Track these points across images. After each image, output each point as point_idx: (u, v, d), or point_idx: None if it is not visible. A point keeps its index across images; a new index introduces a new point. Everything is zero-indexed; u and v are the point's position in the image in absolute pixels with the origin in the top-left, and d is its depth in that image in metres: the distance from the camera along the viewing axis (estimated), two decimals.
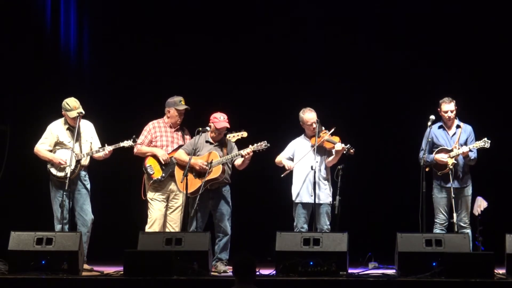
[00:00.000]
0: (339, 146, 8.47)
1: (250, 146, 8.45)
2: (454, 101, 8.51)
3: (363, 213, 10.14)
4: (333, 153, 8.57)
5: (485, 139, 8.31)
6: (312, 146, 8.57)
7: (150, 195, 8.82)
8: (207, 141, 8.62)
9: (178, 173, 8.60)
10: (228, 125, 8.55)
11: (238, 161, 8.57)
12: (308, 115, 8.66)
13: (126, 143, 8.59)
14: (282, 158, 8.74)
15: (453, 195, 8.32)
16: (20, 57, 10.34)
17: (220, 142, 8.63)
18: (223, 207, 8.54)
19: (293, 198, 8.69)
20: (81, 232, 7.89)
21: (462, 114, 8.66)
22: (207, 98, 9.84)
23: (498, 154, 9.43)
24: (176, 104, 8.80)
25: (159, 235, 7.89)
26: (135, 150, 8.77)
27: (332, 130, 8.60)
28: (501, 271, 7.40)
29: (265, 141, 8.44)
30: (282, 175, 8.69)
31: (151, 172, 8.79)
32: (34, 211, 9.55)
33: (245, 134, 8.69)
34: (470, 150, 8.34)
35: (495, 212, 9.09)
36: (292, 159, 8.75)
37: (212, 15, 10.71)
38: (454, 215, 8.27)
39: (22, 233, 7.58)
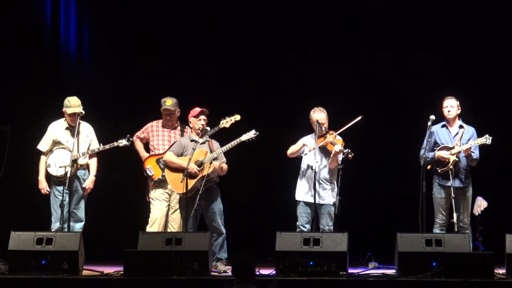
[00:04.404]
0: (337, 147, 8.43)
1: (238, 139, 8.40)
2: (458, 102, 8.51)
3: (363, 213, 10.13)
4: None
5: (487, 135, 8.25)
6: (318, 145, 8.53)
7: (151, 194, 8.85)
8: (192, 140, 8.56)
9: (169, 175, 8.55)
10: (202, 108, 8.52)
11: (216, 163, 8.43)
12: (317, 115, 8.61)
13: (121, 143, 8.61)
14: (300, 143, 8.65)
15: (453, 195, 8.30)
16: (20, 57, 10.34)
17: (205, 140, 8.54)
18: (214, 206, 8.48)
19: (296, 197, 8.67)
20: (81, 232, 7.89)
21: (465, 116, 8.65)
22: (207, 98, 9.82)
23: (498, 154, 9.43)
24: (161, 105, 8.84)
25: (159, 235, 7.89)
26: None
27: (341, 130, 8.58)
28: (501, 271, 7.40)
29: (254, 130, 8.40)
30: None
31: (151, 174, 8.81)
32: (34, 211, 9.54)
33: (238, 117, 8.60)
34: (472, 152, 8.32)
35: (495, 212, 9.08)
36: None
37: (211, 15, 10.70)
38: (454, 215, 8.25)
39: (22, 233, 7.58)
